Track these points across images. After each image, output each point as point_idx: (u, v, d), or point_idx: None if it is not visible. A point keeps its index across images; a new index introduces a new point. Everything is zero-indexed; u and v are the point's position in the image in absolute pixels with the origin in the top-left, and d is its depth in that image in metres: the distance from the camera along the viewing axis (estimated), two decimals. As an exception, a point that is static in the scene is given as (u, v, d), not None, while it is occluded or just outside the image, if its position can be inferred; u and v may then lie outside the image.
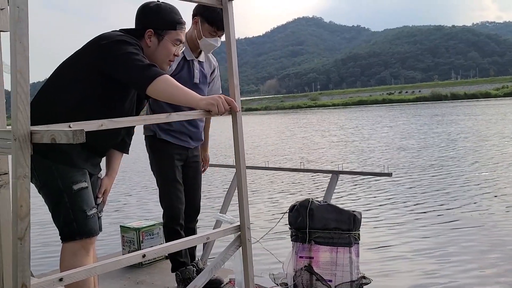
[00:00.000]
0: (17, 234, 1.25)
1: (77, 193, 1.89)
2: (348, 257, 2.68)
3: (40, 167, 1.86)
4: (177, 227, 2.84)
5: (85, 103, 1.88)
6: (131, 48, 1.85)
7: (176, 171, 2.85)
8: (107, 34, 1.92)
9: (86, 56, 1.90)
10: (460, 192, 7.30)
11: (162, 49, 2.07)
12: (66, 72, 1.93)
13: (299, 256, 2.75)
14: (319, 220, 2.72)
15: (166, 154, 2.81)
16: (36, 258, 4.85)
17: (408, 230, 5.37)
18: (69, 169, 1.90)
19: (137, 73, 1.80)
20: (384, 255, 4.50)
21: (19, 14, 1.26)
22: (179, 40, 2.10)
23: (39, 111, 1.84)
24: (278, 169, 4.77)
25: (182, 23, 2.11)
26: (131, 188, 9.48)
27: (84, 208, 1.90)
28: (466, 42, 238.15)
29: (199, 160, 3.05)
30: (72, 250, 1.88)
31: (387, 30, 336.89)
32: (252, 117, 55.18)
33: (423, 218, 5.90)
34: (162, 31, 2.06)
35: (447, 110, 39.27)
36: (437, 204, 6.61)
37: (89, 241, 1.92)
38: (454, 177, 8.60)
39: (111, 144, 2.17)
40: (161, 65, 2.08)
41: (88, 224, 1.90)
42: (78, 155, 1.94)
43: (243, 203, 1.95)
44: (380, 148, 14.17)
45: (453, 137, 16.26)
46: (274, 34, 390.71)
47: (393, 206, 6.66)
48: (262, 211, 6.66)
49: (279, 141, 19.34)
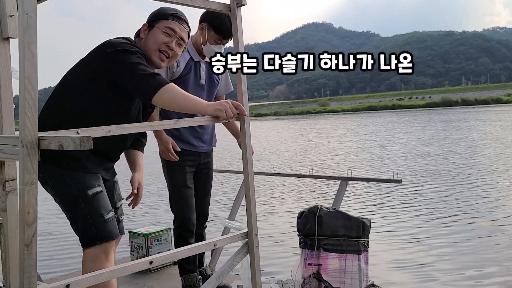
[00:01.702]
0: (24, 240, 1.25)
1: (92, 198, 1.89)
2: (357, 265, 2.66)
3: (53, 176, 1.88)
4: (187, 234, 2.84)
5: (90, 110, 1.88)
6: (135, 58, 1.85)
7: (187, 178, 2.84)
8: (112, 42, 1.92)
9: (91, 63, 1.91)
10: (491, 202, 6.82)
11: (151, 37, 2.04)
12: (72, 79, 1.94)
13: (308, 263, 2.73)
14: (328, 227, 2.70)
15: (178, 160, 2.81)
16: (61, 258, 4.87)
17: (424, 239, 5.23)
18: (82, 174, 1.90)
19: (142, 83, 1.79)
20: (394, 263, 4.44)
21: (28, 21, 1.27)
22: (170, 28, 2.03)
23: (48, 117, 1.87)
24: (286, 175, 4.74)
25: (177, 16, 2.07)
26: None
27: (101, 212, 1.89)
28: (477, 47, 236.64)
29: (210, 166, 3.04)
30: (92, 256, 1.88)
31: (397, 35, 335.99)
32: (265, 123, 54.92)
33: (449, 227, 5.69)
34: (154, 22, 2.06)
35: (461, 116, 38.73)
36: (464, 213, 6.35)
37: (109, 245, 1.91)
38: (486, 186, 8.14)
39: (121, 150, 2.18)
40: (151, 56, 2.03)
41: (106, 227, 1.90)
42: (90, 160, 1.95)
43: (250, 209, 1.94)
44: (402, 155, 13.85)
45: (477, 143, 15.91)
46: (284, 39, 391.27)
47: (414, 213, 6.51)
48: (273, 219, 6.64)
49: (295, 146, 19.29)
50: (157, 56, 2.04)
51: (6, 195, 1.56)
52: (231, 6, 1.91)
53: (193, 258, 2.91)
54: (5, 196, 1.56)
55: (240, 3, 1.91)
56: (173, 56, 2.09)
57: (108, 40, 1.93)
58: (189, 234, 2.85)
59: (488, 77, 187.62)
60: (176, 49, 2.07)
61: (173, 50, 2.05)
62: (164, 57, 2.06)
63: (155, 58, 2.04)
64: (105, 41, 1.94)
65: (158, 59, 2.05)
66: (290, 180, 9.80)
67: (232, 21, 1.92)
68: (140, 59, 1.87)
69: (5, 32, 1.58)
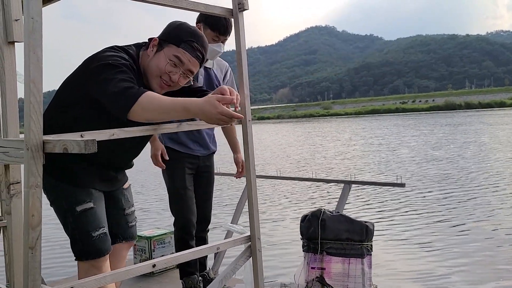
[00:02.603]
0: (28, 243, 1.25)
1: (81, 214, 1.83)
2: (361, 268, 2.65)
3: (47, 185, 1.82)
4: (187, 237, 2.84)
5: (76, 124, 1.74)
6: (112, 73, 1.63)
7: (186, 180, 2.84)
8: (97, 56, 1.75)
9: (77, 78, 1.79)
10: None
11: (155, 60, 1.82)
12: (61, 92, 1.85)
13: (311, 266, 2.72)
14: (331, 231, 2.70)
15: (176, 163, 2.81)
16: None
17: (436, 247, 5.12)
18: (72, 188, 1.84)
19: (113, 100, 1.59)
20: (407, 274, 4.37)
21: (33, 25, 1.28)
22: (177, 57, 1.79)
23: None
24: (289, 179, 4.75)
25: (191, 45, 1.80)
26: (148, 196, 9.49)
27: (88, 229, 1.84)
28: (481, 51, 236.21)
29: (211, 170, 3.04)
30: (83, 269, 1.86)
31: (400, 39, 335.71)
32: (268, 126, 54.68)
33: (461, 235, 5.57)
34: (165, 43, 1.83)
35: (466, 120, 38.49)
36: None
37: (99, 261, 1.87)
38: (501, 192, 7.97)
39: (129, 157, 2.07)
40: (150, 80, 1.83)
41: (94, 245, 1.85)
42: (84, 172, 1.87)
43: (253, 213, 1.94)
44: (411, 159, 13.75)
45: (488, 147, 15.80)
46: (287, 43, 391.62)
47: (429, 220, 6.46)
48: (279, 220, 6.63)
49: (302, 150, 19.26)
50: (157, 83, 1.83)
51: (10, 198, 1.57)
52: (233, 10, 1.91)
53: (194, 261, 2.92)
54: (10, 199, 1.57)
55: (243, 8, 1.91)
56: (174, 87, 1.87)
57: (93, 55, 1.78)
58: (189, 236, 2.85)
59: (492, 81, 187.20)
60: (180, 80, 1.84)
61: (175, 82, 1.83)
62: (164, 85, 1.84)
63: (154, 84, 1.83)
64: (93, 54, 1.79)
65: (158, 86, 1.84)
66: (294, 183, 9.79)
67: (235, 26, 1.92)
68: (121, 73, 1.65)
69: (10, 36, 1.59)
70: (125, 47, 1.85)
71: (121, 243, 2.11)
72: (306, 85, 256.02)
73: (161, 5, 1.69)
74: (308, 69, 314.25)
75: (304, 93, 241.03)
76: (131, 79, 1.64)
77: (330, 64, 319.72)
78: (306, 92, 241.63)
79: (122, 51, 1.80)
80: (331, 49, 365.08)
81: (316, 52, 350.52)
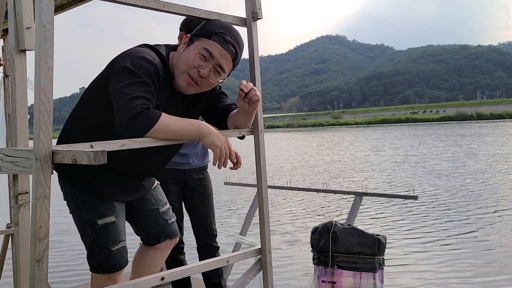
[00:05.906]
0: (35, 256, 1.23)
1: (101, 229, 1.81)
2: (372, 283, 2.59)
3: (69, 195, 1.84)
4: (175, 252, 2.75)
5: (97, 130, 1.69)
6: (130, 84, 1.52)
7: (170, 196, 2.71)
8: (122, 55, 1.65)
9: (101, 80, 1.71)
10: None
11: (184, 55, 1.68)
12: (85, 95, 1.81)
13: (321, 280, 2.67)
14: (342, 244, 2.64)
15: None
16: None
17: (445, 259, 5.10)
18: (95, 201, 1.81)
19: (124, 121, 1.49)
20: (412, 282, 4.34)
21: (45, 33, 1.26)
22: (206, 49, 1.64)
23: (64, 131, 1.81)
24: (300, 189, 4.70)
25: (222, 37, 1.66)
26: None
27: (108, 244, 1.82)
28: (492, 61, 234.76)
29: (205, 183, 2.94)
30: (99, 281, 1.85)
31: (411, 49, 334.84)
32: (278, 135, 54.55)
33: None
34: (195, 37, 1.69)
35: (483, 131, 38.09)
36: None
37: (115, 274, 1.85)
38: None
39: (156, 166, 2.00)
40: (177, 78, 1.69)
41: (111, 259, 1.83)
42: (107, 184, 1.82)
43: (264, 225, 1.90)
44: (454, 169, 13.54)
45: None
46: (297, 52, 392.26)
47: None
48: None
49: (319, 159, 19.16)
50: (184, 80, 1.68)
51: (18, 208, 1.55)
52: (246, 19, 1.90)
53: (186, 278, 2.80)
54: (18, 209, 1.55)
55: (256, 17, 1.89)
56: (203, 85, 1.71)
57: (122, 54, 1.67)
58: (177, 251, 2.81)
59: (504, 91, 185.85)
60: (211, 76, 1.68)
61: (204, 77, 1.67)
62: (192, 82, 1.68)
63: (181, 80, 1.69)
64: (120, 53, 1.68)
65: (184, 83, 1.69)
66: (305, 193, 9.73)
67: (248, 35, 1.90)
68: (138, 84, 1.52)
69: (22, 44, 1.58)
70: (155, 45, 1.75)
71: (166, 241, 2.08)
72: (316, 94, 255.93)
73: (175, 14, 1.68)
74: (318, 78, 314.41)
75: (314, 102, 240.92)
76: (148, 92, 1.53)
77: (340, 73, 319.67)
78: (316, 101, 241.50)
79: (151, 50, 1.70)
80: (341, 58, 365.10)
81: (326, 61, 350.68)
